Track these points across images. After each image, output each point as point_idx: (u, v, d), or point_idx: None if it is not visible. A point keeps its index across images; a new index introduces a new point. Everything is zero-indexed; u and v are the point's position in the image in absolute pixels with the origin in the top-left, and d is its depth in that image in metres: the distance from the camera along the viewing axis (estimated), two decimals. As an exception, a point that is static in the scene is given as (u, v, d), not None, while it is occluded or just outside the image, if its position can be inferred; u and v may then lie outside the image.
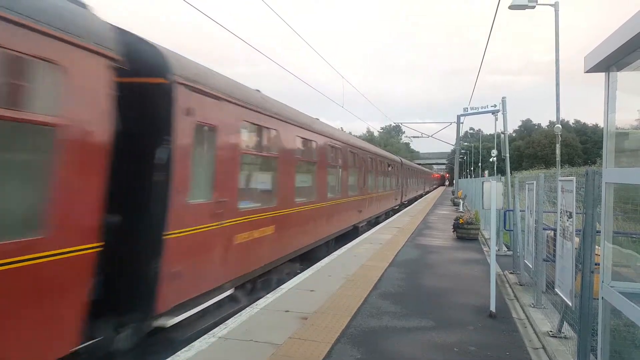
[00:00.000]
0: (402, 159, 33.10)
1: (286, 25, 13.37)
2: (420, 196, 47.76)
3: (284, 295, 7.43)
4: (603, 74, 3.39)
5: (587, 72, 3.55)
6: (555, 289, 5.60)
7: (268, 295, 7.41)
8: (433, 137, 51.04)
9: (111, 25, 4.57)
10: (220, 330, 5.70)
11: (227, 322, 6.05)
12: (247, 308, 6.68)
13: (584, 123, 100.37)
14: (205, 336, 5.52)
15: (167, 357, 4.89)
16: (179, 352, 4.99)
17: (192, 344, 5.27)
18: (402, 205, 30.60)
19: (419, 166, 56.25)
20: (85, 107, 4.10)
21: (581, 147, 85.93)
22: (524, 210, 8.65)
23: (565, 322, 5.69)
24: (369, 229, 17.41)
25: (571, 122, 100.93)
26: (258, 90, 8.55)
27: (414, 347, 5.45)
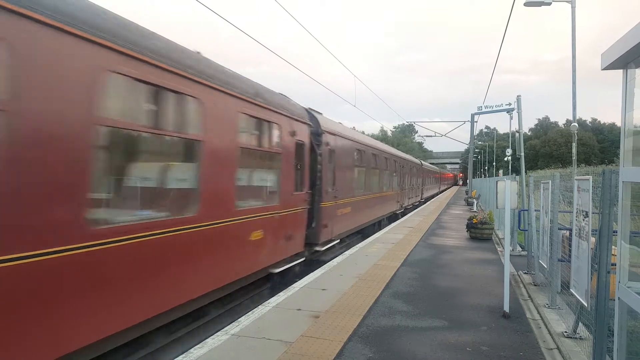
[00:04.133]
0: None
1: (295, 22, 13.43)
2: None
3: (296, 294, 7.46)
4: (620, 71, 3.33)
5: (604, 69, 3.48)
6: (571, 290, 5.52)
7: (280, 294, 7.44)
8: (446, 136, 50.73)
9: (306, 109, 10.72)
10: (232, 328, 5.74)
11: (239, 319, 6.09)
12: (259, 306, 6.72)
13: (601, 122, 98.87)
14: (218, 333, 5.57)
15: (181, 354, 4.95)
16: (192, 349, 5.05)
17: (205, 340, 5.32)
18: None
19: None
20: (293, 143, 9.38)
21: (598, 146, 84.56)
22: (539, 210, 8.54)
23: (580, 323, 5.62)
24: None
25: (588, 120, 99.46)
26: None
27: (426, 346, 5.43)
